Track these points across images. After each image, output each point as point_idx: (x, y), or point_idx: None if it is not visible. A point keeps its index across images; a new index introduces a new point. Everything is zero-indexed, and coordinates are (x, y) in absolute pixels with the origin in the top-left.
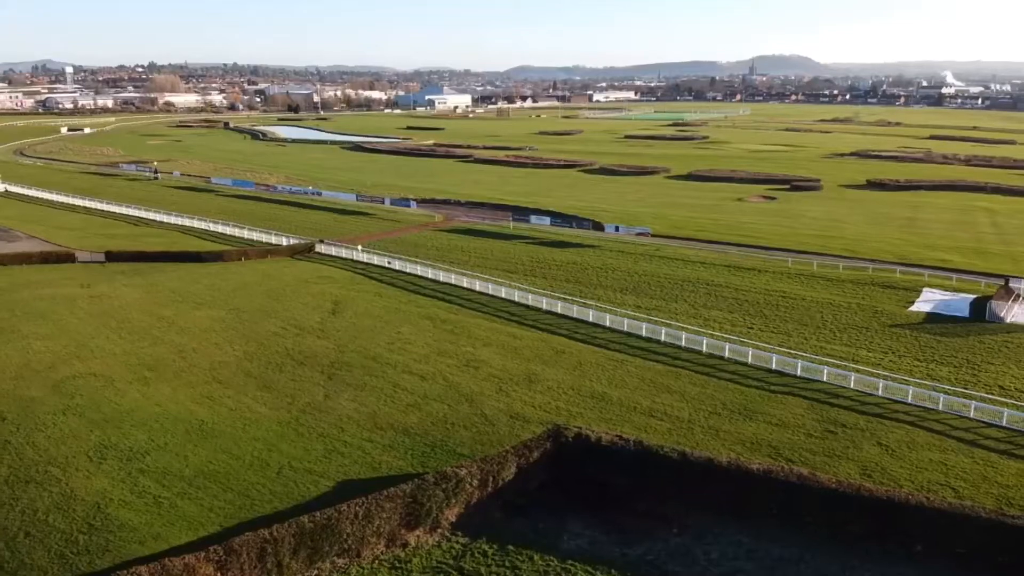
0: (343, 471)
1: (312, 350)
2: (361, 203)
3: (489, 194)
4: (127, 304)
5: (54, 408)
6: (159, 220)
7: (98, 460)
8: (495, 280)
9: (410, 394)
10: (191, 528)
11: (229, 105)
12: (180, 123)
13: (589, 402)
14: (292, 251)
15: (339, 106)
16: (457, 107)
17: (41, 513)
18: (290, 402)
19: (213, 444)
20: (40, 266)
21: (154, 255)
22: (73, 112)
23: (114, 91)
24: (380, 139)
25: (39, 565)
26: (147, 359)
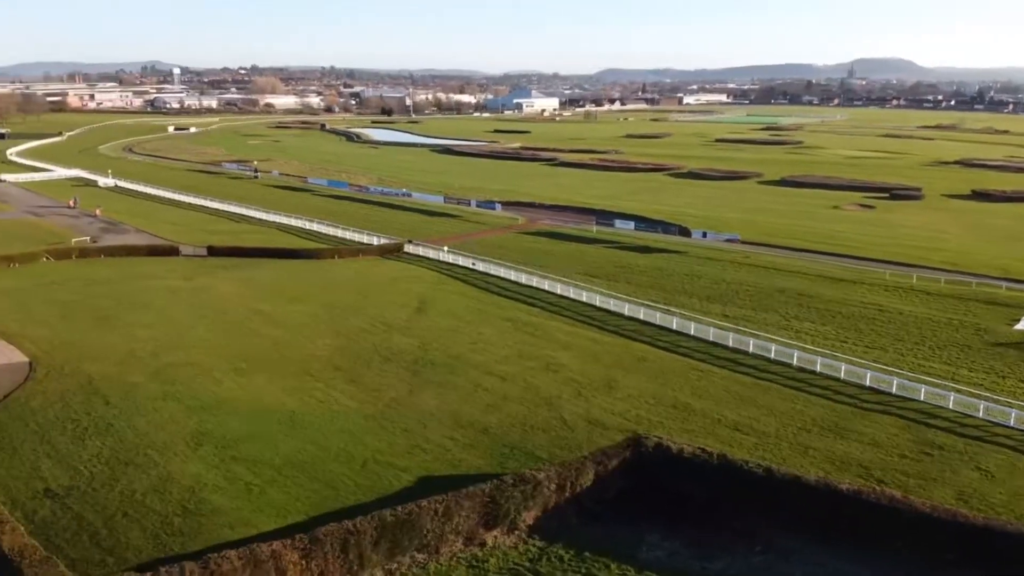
0: (424, 467)
1: (398, 347)
2: (448, 205)
3: (573, 197)
4: (226, 297)
5: (155, 394)
6: (258, 217)
7: (194, 445)
8: (576, 284)
9: (490, 394)
10: (279, 515)
11: (326, 107)
12: (279, 124)
13: (671, 412)
14: (382, 250)
15: (430, 109)
16: (544, 110)
17: (139, 494)
18: (376, 396)
19: (302, 434)
20: (146, 258)
21: (253, 251)
22: (179, 112)
23: (218, 92)
24: (468, 142)
25: (135, 545)
26: (243, 350)
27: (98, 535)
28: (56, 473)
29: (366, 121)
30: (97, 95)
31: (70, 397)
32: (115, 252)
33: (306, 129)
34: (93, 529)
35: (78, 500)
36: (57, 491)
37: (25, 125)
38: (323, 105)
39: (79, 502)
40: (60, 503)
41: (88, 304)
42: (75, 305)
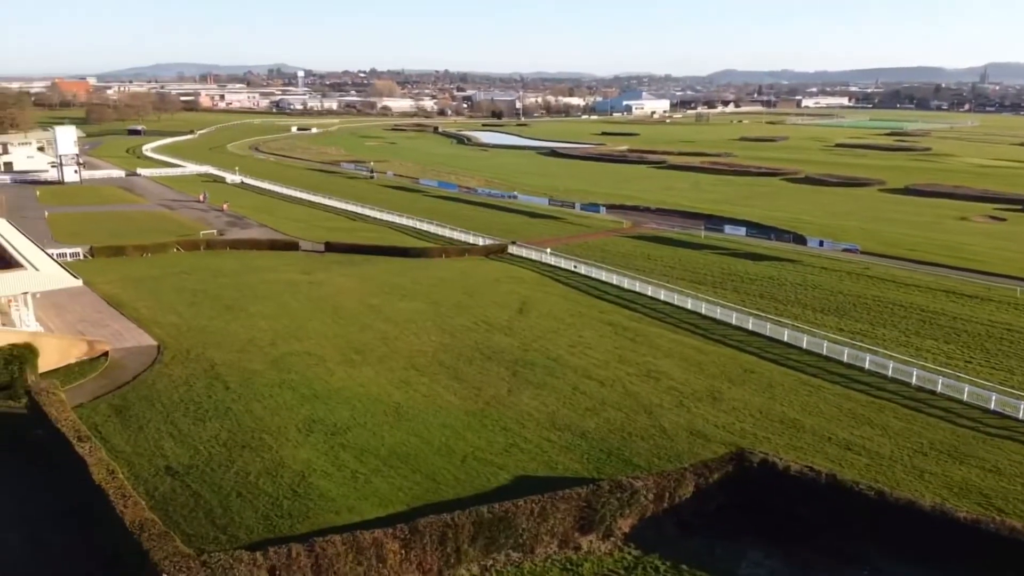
0: (521, 466)
1: (499, 346)
2: (552, 207)
3: (681, 201)
4: (340, 291)
5: (271, 381)
6: (372, 216)
7: (306, 432)
8: (681, 290)
9: (589, 398)
10: (382, 504)
11: (439, 110)
12: (394, 126)
13: (778, 427)
14: (487, 251)
15: (539, 112)
16: (654, 112)
17: (252, 476)
18: (477, 394)
19: (406, 427)
20: (268, 252)
21: (367, 248)
22: (302, 113)
23: (338, 95)
24: (575, 144)
25: (247, 524)
26: (355, 343)
27: (213, 513)
28: (177, 452)
29: (476, 124)
30: (227, 96)
31: (194, 381)
32: (240, 245)
33: (420, 131)
34: (209, 507)
35: (196, 479)
36: (177, 469)
37: (160, 123)
38: (436, 108)
39: (197, 480)
40: (180, 481)
41: (214, 294)
42: (202, 294)
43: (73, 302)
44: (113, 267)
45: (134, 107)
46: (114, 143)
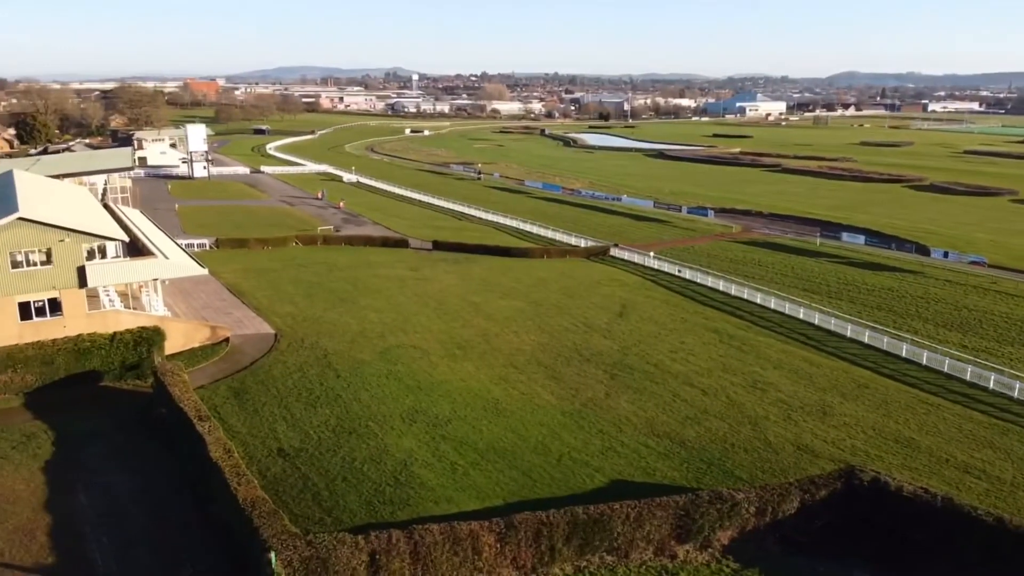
0: (617, 470)
1: (598, 348)
2: (658, 210)
3: (795, 206)
4: (445, 288)
5: (379, 372)
6: (478, 216)
7: (409, 422)
8: (793, 299)
9: (690, 406)
10: (479, 497)
11: (546, 113)
12: (502, 129)
13: (892, 446)
14: (588, 252)
15: (647, 114)
16: (769, 114)
17: (358, 462)
18: (574, 395)
19: (504, 423)
20: (379, 248)
21: (471, 247)
22: (416, 116)
23: (450, 98)
24: (684, 146)
25: (351, 508)
26: (457, 338)
27: (320, 495)
28: (289, 435)
29: (583, 126)
30: (345, 98)
31: (307, 368)
32: (354, 241)
33: (527, 134)
34: (316, 489)
35: (305, 462)
36: (289, 451)
37: (283, 123)
38: (544, 111)
39: (306, 463)
40: (290, 463)
41: (328, 286)
42: (317, 286)
43: (199, 290)
44: (236, 258)
45: (259, 108)
46: (240, 141)
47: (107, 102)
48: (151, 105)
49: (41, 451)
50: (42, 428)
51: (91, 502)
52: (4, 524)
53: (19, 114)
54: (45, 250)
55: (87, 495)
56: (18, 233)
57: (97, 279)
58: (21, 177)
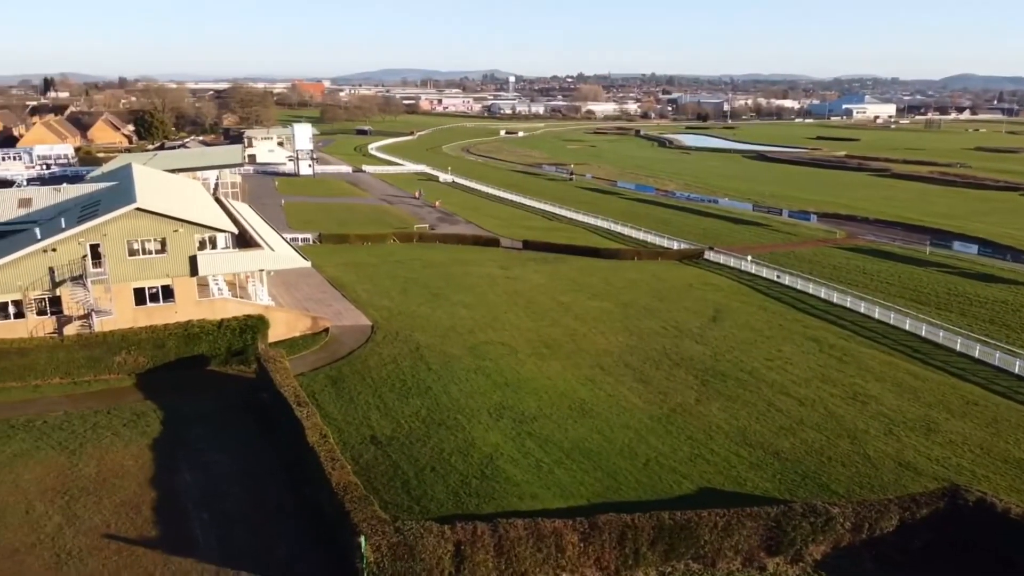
0: (706, 478)
1: (689, 353)
2: (756, 213)
3: (904, 213)
4: (534, 287)
5: (468, 367)
6: (568, 217)
7: (496, 417)
8: (898, 309)
9: (785, 416)
10: (563, 496)
11: (642, 113)
12: (596, 130)
13: (1001, 467)
14: (681, 255)
15: (748, 115)
16: (877, 117)
17: (446, 453)
18: (663, 399)
19: (590, 423)
20: (471, 247)
21: (561, 247)
22: (511, 117)
23: (545, 99)
24: (785, 148)
25: (438, 498)
26: (545, 337)
27: (409, 484)
28: (382, 424)
29: (680, 127)
30: (444, 100)
31: (400, 360)
32: (447, 239)
33: (621, 135)
34: (405, 478)
35: (396, 450)
36: (381, 439)
37: (384, 124)
38: (640, 112)
39: (397, 452)
40: (382, 450)
41: (422, 282)
42: (412, 282)
43: (302, 282)
44: (337, 253)
45: (362, 109)
46: (343, 141)
47: (220, 101)
48: (261, 105)
49: (150, 429)
50: (151, 408)
51: (194, 480)
52: (112, 497)
53: (138, 112)
54: (160, 240)
55: (191, 473)
56: (136, 223)
57: (207, 268)
58: (139, 171)
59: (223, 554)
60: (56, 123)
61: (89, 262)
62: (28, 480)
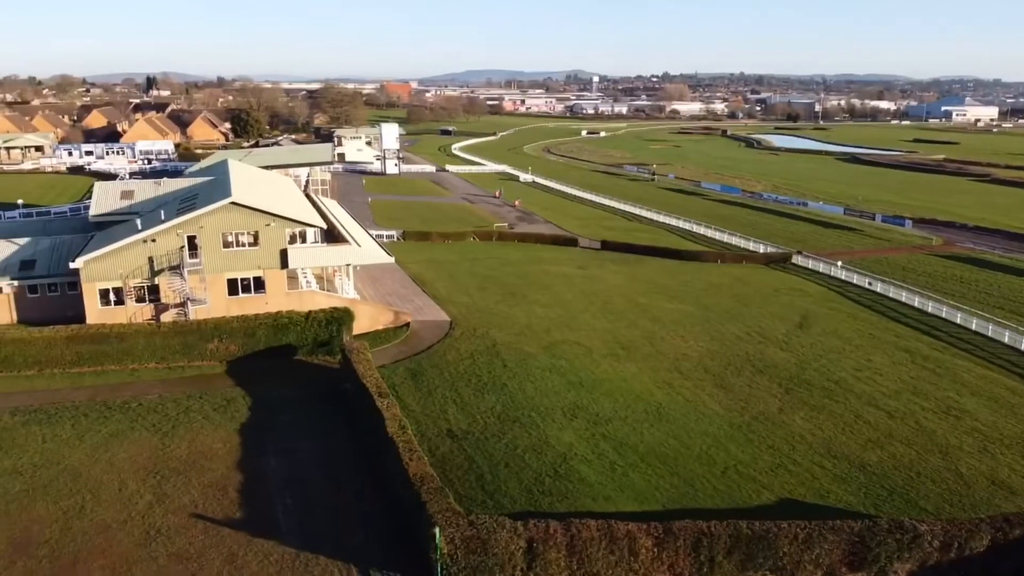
0: (787, 489)
1: (772, 360)
2: (848, 217)
3: (1007, 220)
4: (611, 288)
5: (543, 365)
6: (649, 217)
7: (570, 416)
8: (998, 321)
9: (873, 429)
10: (637, 499)
11: (729, 113)
12: (681, 130)
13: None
14: (767, 259)
15: (840, 116)
16: (979, 120)
17: (520, 450)
18: (743, 407)
19: (666, 428)
20: (549, 246)
21: (640, 248)
22: (593, 117)
23: (629, 99)
24: (880, 151)
25: (511, 494)
26: (622, 339)
27: (483, 478)
28: (458, 418)
29: (769, 127)
30: (527, 100)
31: (477, 356)
32: (526, 238)
33: (707, 135)
34: (480, 472)
35: (471, 444)
36: (457, 433)
37: (468, 124)
38: (727, 111)
39: (472, 446)
40: (457, 444)
41: (500, 280)
42: (490, 280)
43: (385, 277)
44: (419, 250)
45: (447, 109)
46: (428, 141)
47: (312, 101)
48: (351, 105)
49: (238, 414)
50: (240, 394)
51: (279, 465)
52: (201, 478)
53: (235, 110)
54: (253, 233)
55: (276, 458)
56: (230, 216)
57: (297, 261)
58: (235, 167)
59: (303, 538)
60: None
61: (186, 253)
62: (122, 459)
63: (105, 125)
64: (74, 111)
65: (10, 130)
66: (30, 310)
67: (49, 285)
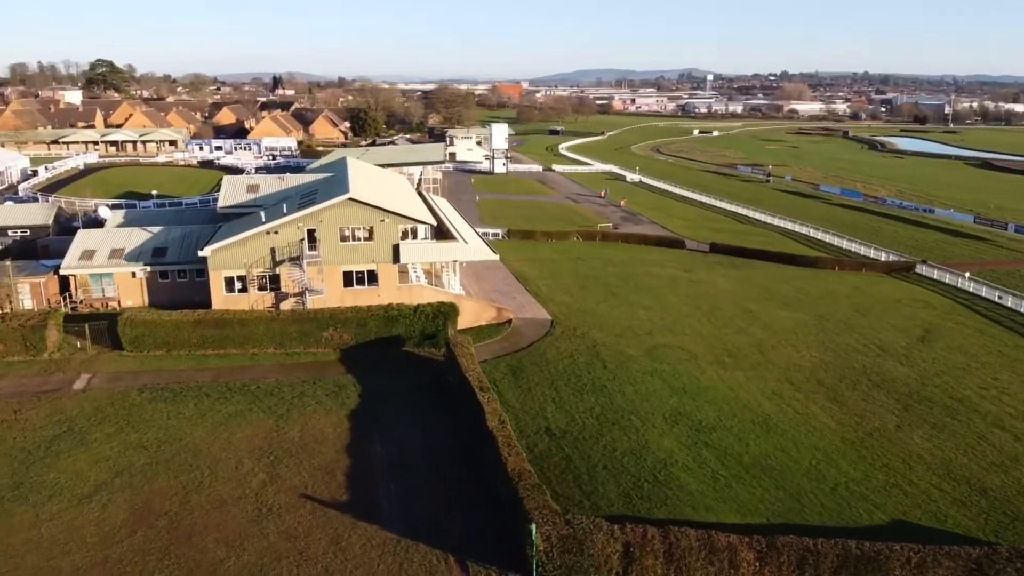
0: (901, 510)
1: (891, 374)
2: (978, 226)
3: None
4: (719, 292)
5: (644, 369)
6: (762, 220)
7: (671, 423)
8: None
9: (997, 451)
10: (739, 511)
11: (851, 114)
12: (799, 130)
13: None
14: (888, 268)
15: (972, 119)
16: None
17: (619, 453)
18: (858, 422)
19: (773, 440)
20: (654, 247)
21: (751, 252)
22: (706, 117)
23: (744, 98)
24: (1015, 157)
25: (608, 496)
26: (728, 345)
27: (580, 478)
28: (557, 417)
29: (894, 129)
30: (637, 99)
31: (577, 356)
32: (630, 239)
33: (827, 136)
34: (577, 472)
35: (569, 444)
36: (555, 432)
37: (576, 124)
38: (849, 112)
39: (570, 446)
40: (556, 442)
41: (602, 280)
42: (592, 280)
43: (489, 274)
44: (523, 248)
45: (556, 109)
46: (536, 141)
47: (426, 102)
48: (463, 105)
49: (348, 401)
50: (351, 381)
51: (385, 451)
52: (311, 461)
53: (354, 110)
54: (368, 228)
55: (382, 445)
56: (347, 211)
57: (408, 256)
58: (353, 164)
59: (404, 525)
60: (282, 118)
61: (306, 245)
62: (240, 439)
63: (234, 122)
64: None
65: (147, 125)
66: (160, 294)
67: (179, 271)
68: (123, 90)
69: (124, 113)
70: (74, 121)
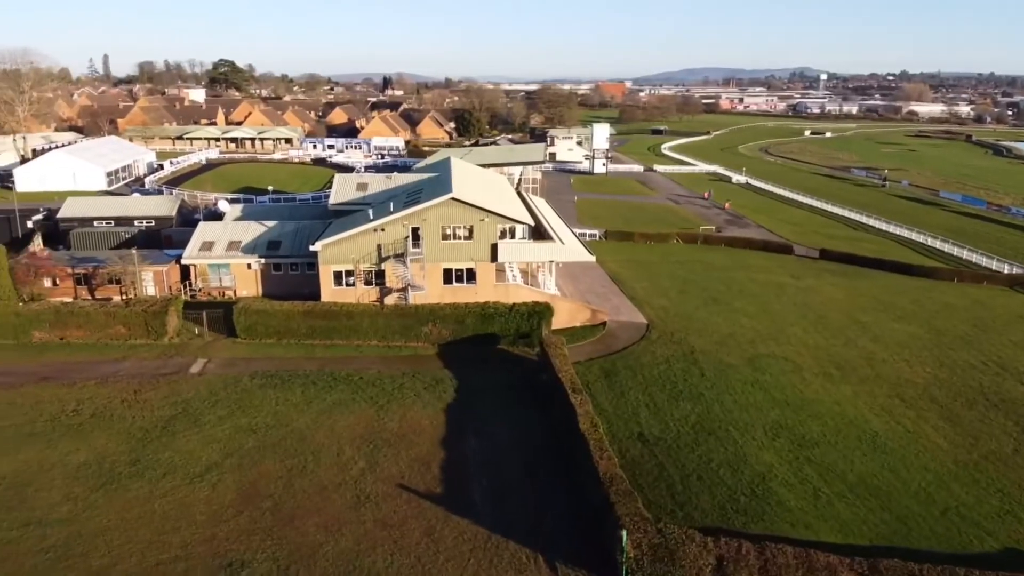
0: (1015, 538)
1: (1011, 395)
2: None
3: None
4: (828, 301)
5: (745, 378)
6: (876, 227)
7: (772, 436)
8: None
9: None
10: (841, 531)
11: (976, 117)
12: (918, 133)
13: None
14: (1012, 281)
15: None
16: None
17: (714, 464)
18: (972, 444)
19: (881, 459)
20: (759, 252)
21: (864, 260)
22: (819, 117)
23: (860, 98)
24: None
25: (702, 507)
26: (836, 357)
27: (674, 487)
28: (650, 423)
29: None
30: (746, 99)
31: (673, 362)
32: (734, 243)
33: (948, 139)
34: (671, 481)
35: (663, 451)
36: (648, 438)
37: (681, 124)
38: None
39: (663, 453)
40: (648, 449)
41: (702, 285)
42: (692, 284)
43: (585, 275)
44: (620, 250)
45: (660, 109)
46: (638, 141)
47: (529, 102)
48: (565, 106)
49: (445, 395)
50: (448, 376)
51: (479, 446)
52: (408, 452)
53: (459, 110)
54: (468, 227)
55: (476, 439)
56: (450, 211)
57: (505, 256)
58: (456, 164)
59: (495, 520)
60: (391, 118)
61: (410, 243)
62: (342, 427)
63: (345, 121)
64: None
65: (265, 123)
66: (273, 285)
67: (291, 264)
68: (243, 89)
69: (244, 111)
70: (197, 118)
